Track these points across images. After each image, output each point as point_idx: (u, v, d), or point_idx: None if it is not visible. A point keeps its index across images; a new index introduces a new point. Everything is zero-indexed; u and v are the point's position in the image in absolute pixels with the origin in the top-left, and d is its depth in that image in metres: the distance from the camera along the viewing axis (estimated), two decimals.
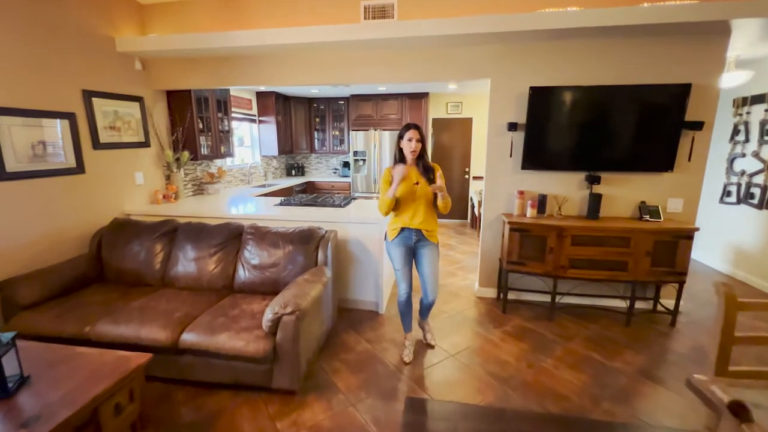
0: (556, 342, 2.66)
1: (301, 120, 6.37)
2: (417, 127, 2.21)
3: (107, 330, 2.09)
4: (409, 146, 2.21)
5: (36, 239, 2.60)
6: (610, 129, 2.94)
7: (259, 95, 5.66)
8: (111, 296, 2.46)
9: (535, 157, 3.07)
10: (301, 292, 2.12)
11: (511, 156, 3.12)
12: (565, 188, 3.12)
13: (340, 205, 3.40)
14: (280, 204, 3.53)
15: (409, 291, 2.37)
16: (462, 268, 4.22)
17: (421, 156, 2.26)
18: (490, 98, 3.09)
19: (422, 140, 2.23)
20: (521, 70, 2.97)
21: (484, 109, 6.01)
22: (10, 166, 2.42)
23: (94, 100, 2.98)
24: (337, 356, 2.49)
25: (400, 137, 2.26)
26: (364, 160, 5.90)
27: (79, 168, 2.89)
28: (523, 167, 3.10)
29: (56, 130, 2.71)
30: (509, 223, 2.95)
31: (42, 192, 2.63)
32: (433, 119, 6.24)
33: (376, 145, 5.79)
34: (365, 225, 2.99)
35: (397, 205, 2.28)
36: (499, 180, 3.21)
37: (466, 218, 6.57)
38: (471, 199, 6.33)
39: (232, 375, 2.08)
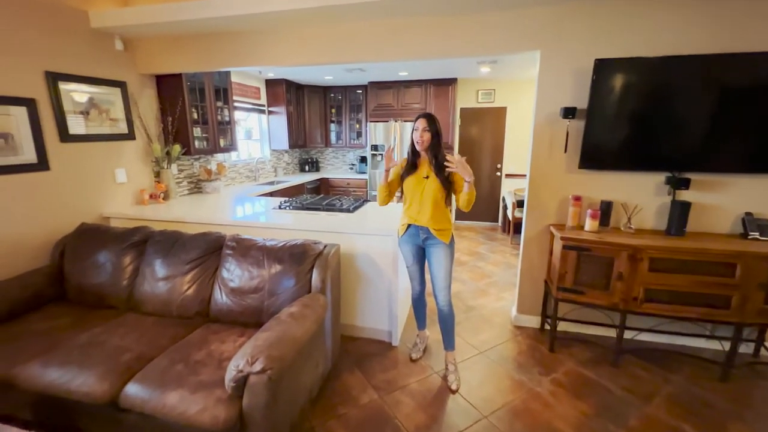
0: (628, 402, 1.97)
1: (316, 111, 5.82)
2: (428, 116, 2.02)
3: (34, 375, 1.62)
4: (415, 136, 2.04)
5: None
6: (706, 115, 2.18)
7: (269, 83, 5.15)
8: (60, 323, 2.00)
9: (599, 153, 2.36)
10: (282, 336, 1.56)
11: (565, 151, 2.42)
12: (638, 194, 2.39)
13: (348, 210, 2.83)
14: (279, 207, 2.99)
15: (420, 289, 2.33)
16: (494, 285, 3.55)
17: (435, 149, 2.03)
18: (539, 76, 2.39)
19: (433, 131, 2.01)
20: (583, 37, 2.26)
21: (521, 96, 5.28)
22: None
23: (61, 84, 2.53)
24: (334, 410, 1.92)
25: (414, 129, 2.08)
26: (382, 155, 5.28)
27: (42, 164, 2.45)
28: (581, 166, 2.40)
29: (10, 120, 2.27)
30: (562, 238, 2.27)
31: None
32: (461, 109, 5.52)
33: (397, 138, 5.17)
34: (377, 237, 2.40)
35: (405, 199, 2.18)
36: (547, 181, 2.52)
37: (497, 221, 5.84)
38: (503, 199, 5.59)
39: None
